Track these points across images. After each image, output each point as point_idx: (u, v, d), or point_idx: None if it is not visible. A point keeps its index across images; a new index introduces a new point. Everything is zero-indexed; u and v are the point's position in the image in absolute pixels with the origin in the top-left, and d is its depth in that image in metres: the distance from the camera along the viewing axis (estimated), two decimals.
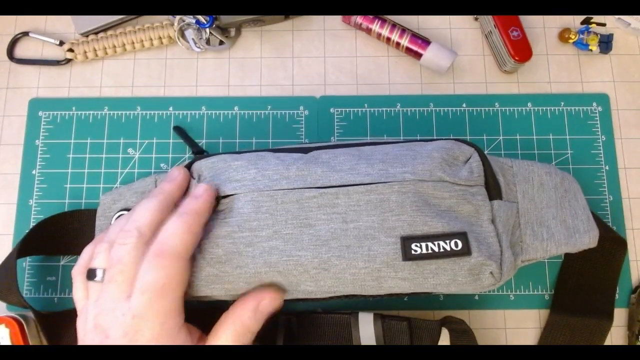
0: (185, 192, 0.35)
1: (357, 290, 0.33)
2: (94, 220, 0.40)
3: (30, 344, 0.39)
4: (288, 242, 0.32)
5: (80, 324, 0.31)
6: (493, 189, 0.35)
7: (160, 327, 0.29)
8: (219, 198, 0.34)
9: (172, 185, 0.34)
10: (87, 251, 0.34)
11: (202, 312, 0.34)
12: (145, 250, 0.30)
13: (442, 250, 0.31)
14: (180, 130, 0.43)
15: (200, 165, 0.36)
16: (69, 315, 0.40)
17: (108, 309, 0.30)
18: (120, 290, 0.30)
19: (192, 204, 0.32)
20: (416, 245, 0.31)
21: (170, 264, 0.30)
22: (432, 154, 0.34)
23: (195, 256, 0.32)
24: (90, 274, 0.32)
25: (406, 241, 0.31)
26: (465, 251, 0.31)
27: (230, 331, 0.31)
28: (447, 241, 0.31)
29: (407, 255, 0.31)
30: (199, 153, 0.40)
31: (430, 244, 0.31)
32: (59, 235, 0.41)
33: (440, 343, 0.39)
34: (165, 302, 0.29)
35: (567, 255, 0.42)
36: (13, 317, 0.39)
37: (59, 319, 0.39)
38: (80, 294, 0.32)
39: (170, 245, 0.30)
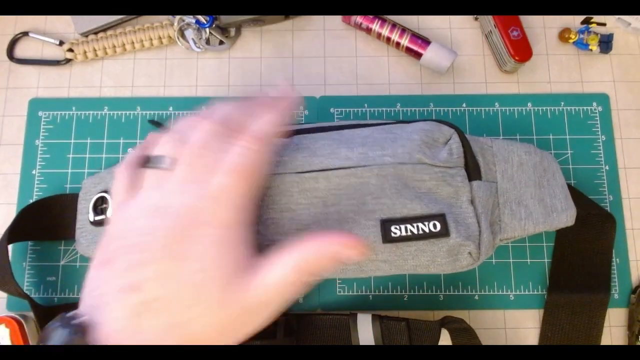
0: None
1: (339, 274, 0.33)
2: (76, 204, 0.40)
3: (30, 344, 0.39)
4: (269, 227, 0.32)
5: (131, 209, 0.27)
6: (472, 170, 0.35)
7: (234, 214, 0.27)
8: None
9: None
10: (136, 149, 0.31)
11: None
12: (230, 140, 0.28)
13: (421, 232, 0.32)
14: (156, 123, 0.43)
15: None
16: (67, 310, 0.40)
17: (177, 191, 0.27)
18: (197, 175, 0.27)
19: (281, 101, 0.31)
20: (395, 228, 0.32)
21: (265, 150, 0.28)
22: (411, 136, 0.34)
23: None
24: (153, 160, 0.28)
25: (386, 224, 0.32)
26: (444, 232, 0.32)
27: (292, 266, 0.26)
28: (426, 223, 0.32)
29: (387, 238, 0.32)
30: None
31: (409, 226, 0.32)
32: (43, 220, 0.41)
33: (441, 343, 0.39)
34: (247, 188, 0.27)
35: (559, 233, 0.42)
36: (13, 317, 0.39)
37: (56, 311, 0.39)
38: (125, 183, 0.29)
39: (266, 133, 0.29)
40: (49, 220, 0.41)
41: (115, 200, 0.29)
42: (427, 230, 0.32)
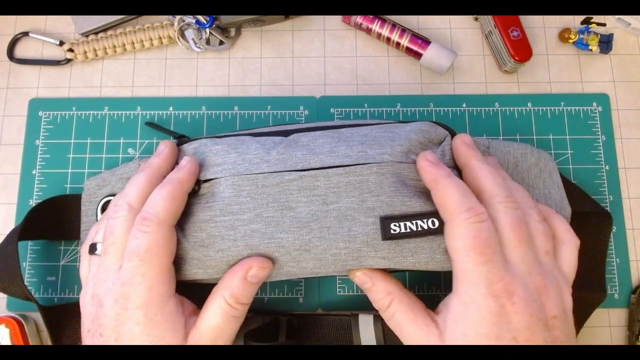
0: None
1: (339, 271, 0.33)
2: (79, 206, 0.40)
3: (30, 344, 0.39)
4: (269, 225, 0.32)
5: (82, 296, 0.33)
6: None
7: (148, 293, 0.30)
8: (200, 182, 0.34)
9: (159, 159, 0.35)
10: (93, 228, 0.35)
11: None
12: (135, 224, 0.32)
13: (419, 229, 0.32)
14: (153, 125, 0.43)
15: (183, 151, 0.36)
16: (71, 309, 0.40)
17: (103, 280, 0.31)
18: (112, 262, 0.31)
19: (175, 173, 0.33)
20: (395, 225, 0.32)
21: (153, 229, 0.31)
22: (409, 135, 0.35)
23: (179, 240, 0.32)
24: (92, 248, 0.34)
25: (385, 221, 0.32)
26: (442, 229, 0.32)
27: (219, 304, 0.31)
28: (425, 220, 0.32)
29: (387, 235, 0.32)
30: (181, 138, 0.40)
31: (408, 223, 0.32)
32: (48, 221, 0.41)
33: None
34: (150, 267, 0.30)
35: None
36: (13, 317, 0.39)
37: (62, 312, 0.39)
38: (85, 269, 0.34)
39: (153, 212, 0.31)
40: (56, 220, 0.41)
41: (82, 280, 0.35)
42: (425, 227, 0.32)
